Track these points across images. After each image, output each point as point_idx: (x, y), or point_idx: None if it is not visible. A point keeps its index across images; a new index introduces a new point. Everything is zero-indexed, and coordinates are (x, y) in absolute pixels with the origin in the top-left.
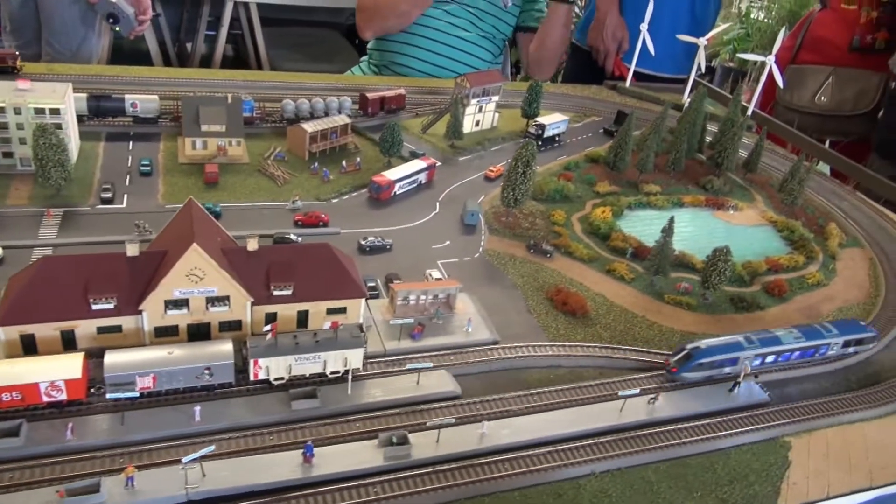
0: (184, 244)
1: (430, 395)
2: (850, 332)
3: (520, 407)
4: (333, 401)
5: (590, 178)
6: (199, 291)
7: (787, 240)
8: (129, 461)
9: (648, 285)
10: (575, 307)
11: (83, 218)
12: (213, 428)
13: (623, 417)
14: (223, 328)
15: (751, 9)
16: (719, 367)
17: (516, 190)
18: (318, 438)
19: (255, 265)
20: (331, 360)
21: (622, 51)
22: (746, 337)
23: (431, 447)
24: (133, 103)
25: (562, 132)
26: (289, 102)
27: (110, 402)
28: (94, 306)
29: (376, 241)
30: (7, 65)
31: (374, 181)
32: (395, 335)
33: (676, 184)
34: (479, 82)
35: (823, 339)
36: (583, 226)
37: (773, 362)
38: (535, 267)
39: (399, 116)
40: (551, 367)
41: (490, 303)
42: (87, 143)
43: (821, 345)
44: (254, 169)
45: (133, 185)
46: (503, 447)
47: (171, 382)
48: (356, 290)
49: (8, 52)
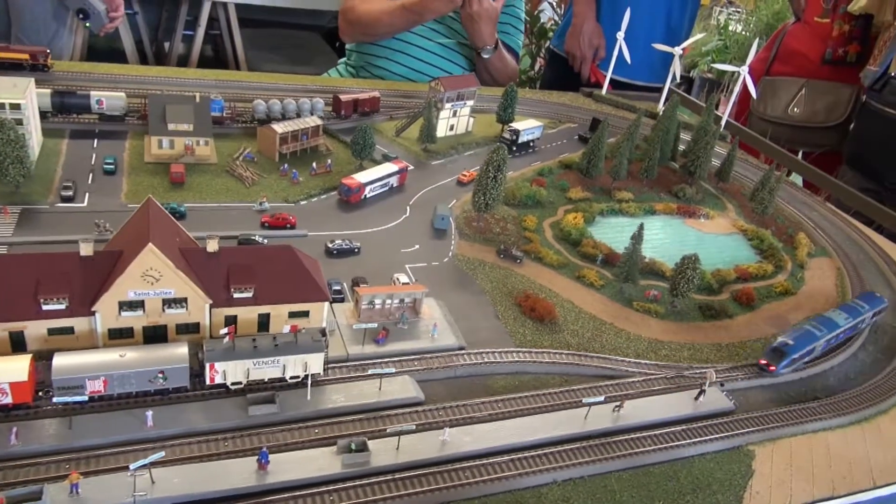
0: (140, 244)
1: (393, 402)
2: (875, 304)
3: (483, 414)
4: (292, 406)
5: (563, 185)
6: (155, 293)
7: (756, 249)
8: (74, 467)
9: (618, 292)
10: (543, 313)
11: (42, 216)
12: (165, 433)
13: (587, 425)
14: (181, 331)
15: (729, 21)
16: (805, 357)
17: (487, 194)
18: (274, 445)
19: (215, 267)
20: (290, 365)
21: (598, 58)
22: (813, 325)
23: (391, 454)
24: (99, 100)
25: (536, 138)
26: (260, 103)
27: (59, 407)
28: (45, 307)
29: (344, 244)
30: (38, 62)
31: (344, 183)
32: (358, 340)
33: (649, 191)
34: (454, 86)
35: (861, 315)
36: (554, 231)
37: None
38: (504, 272)
39: (373, 119)
40: (517, 374)
41: (458, 308)
42: (49, 139)
43: (860, 321)
44: (222, 169)
45: (96, 183)
46: (465, 455)
47: (122, 386)
48: (319, 293)
49: (39, 50)
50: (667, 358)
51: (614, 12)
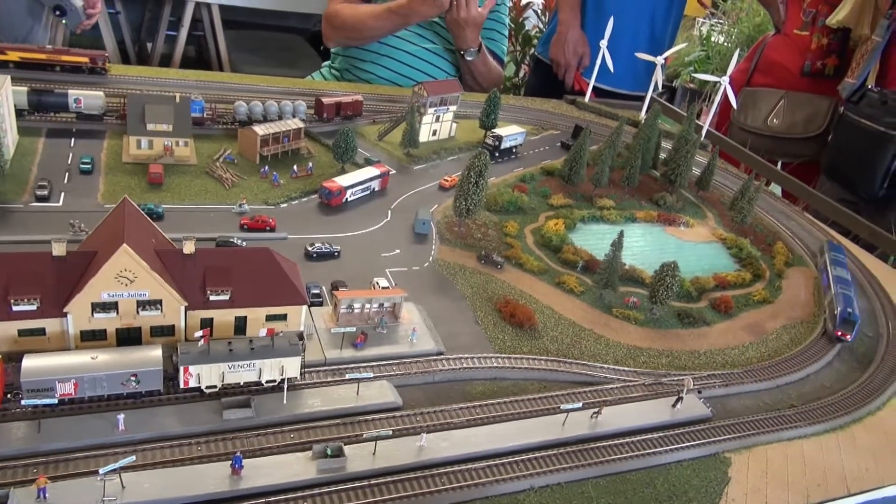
0: (114, 244)
1: (370, 406)
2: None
3: (461, 419)
4: (268, 410)
5: (544, 191)
6: (129, 294)
7: (735, 257)
8: (42, 471)
9: (597, 299)
10: (522, 319)
11: (15, 216)
12: (137, 437)
13: (565, 431)
14: (155, 333)
15: (711, 32)
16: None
17: (468, 200)
18: (248, 449)
19: (191, 268)
20: (266, 369)
21: (583, 66)
22: (842, 288)
23: (368, 460)
24: (77, 99)
25: (519, 144)
26: (241, 104)
27: (28, 409)
28: (15, 307)
29: (324, 248)
30: (97, 66)
31: (325, 187)
32: (336, 344)
33: (630, 199)
34: (437, 91)
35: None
36: (535, 238)
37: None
38: (485, 278)
39: (355, 123)
40: (495, 380)
41: (437, 313)
42: (25, 138)
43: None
44: (201, 170)
45: (72, 183)
46: (442, 460)
47: (94, 389)
48: (297, 296)
49: (98, 54)
50: (645, 364)
51: (599, 21)
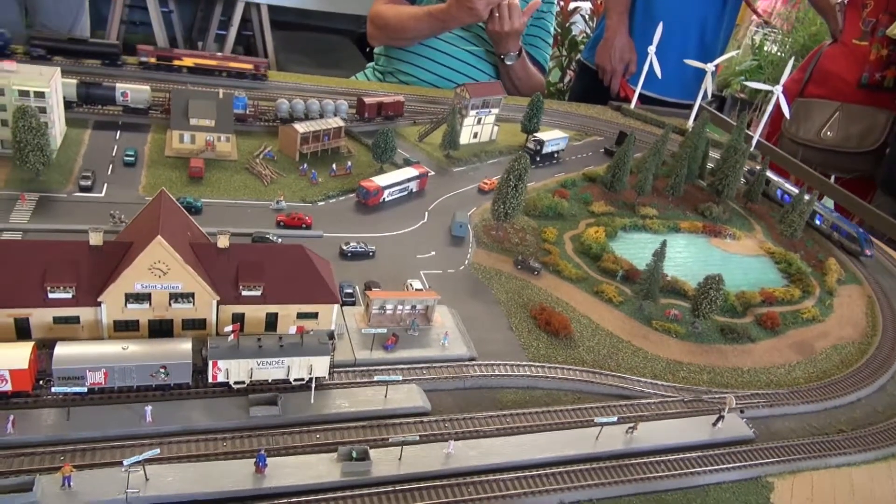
0: (149, 236)
1: (398, 410)
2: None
3: (490, 428)
4: (295, 409)
5: (586, 197)
6: (162, 286)
7: (783, 272)
8: (69, 460)
9: (637, 310)
10: (558, 327)
11: (59, 205)
12: (163, 430)
13: (599, 446)
14: (186, 326)
15: (764, 41)
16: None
17: (507, 203)
18: (273, 448)
19: (225, 263)
20: (295, 367)
21: (629, 72)
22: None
23: (393, 464)
24: (124, 93)
25: (561, 149)
26: (283, 102)
27: (58, 397)
28: (51, 295)
29: (359, 247)
30: (259, 73)
31: (362, 186)
32: (367, 345)
33: (674, 208)
34: (480, 94)
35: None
36: (574, 245)
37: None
38: (521, 283)
39: (396, 123)
40: (528, 389)
41: (471, 317)
42: (73, 129)
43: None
44: (241, 166)
45: (115, 174)
46: (469, 469)
47: (123, 379)
48: (329, 295)
49: (260, 62)
50: (685, 380)
51: (647, 27)
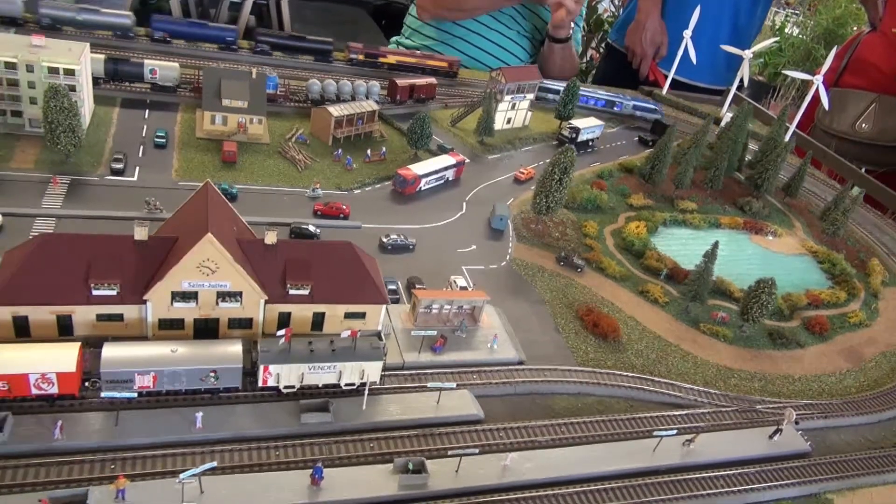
0: (197, 232)
1: (451, 418)
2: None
3: (545, 438)
4: (346, 416)
5: (623, 189)
6: (209, 285)
7: (827, 273)
8: (120, 469)
9: (683, 311)
10: (607, 330)
11: (91, 189)
12: (214, 437)
13: (656, 458)
14: (233, 325)
15: (785, 24)
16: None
17: (550, 197)
18: (328, 458)
19: (272, 260)
20: (347, 372)
21: (659, 56)
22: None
23: (450, 477)
24: (152, 70)
25: (596, 137)
26: (315, 82)
27: (105, 400)
28: (95, 292)
29: (399, 240)
30: (452, 70)
31: (400, 174)
32: (414, 346)
33: (713, 202)
34: (515, 78)
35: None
36: (616, 240)
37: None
38: (564, 281)
39: (428, 106)
40: (579, 395)
41: (516, 317)
42: (101, 107)
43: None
44: (274, 150)
45: (146, 157)
46: (527, 483)
47: (172, 383)
48: (378, 295)
49: (454, 60)
50: (737, 388)
51: (680, 10)
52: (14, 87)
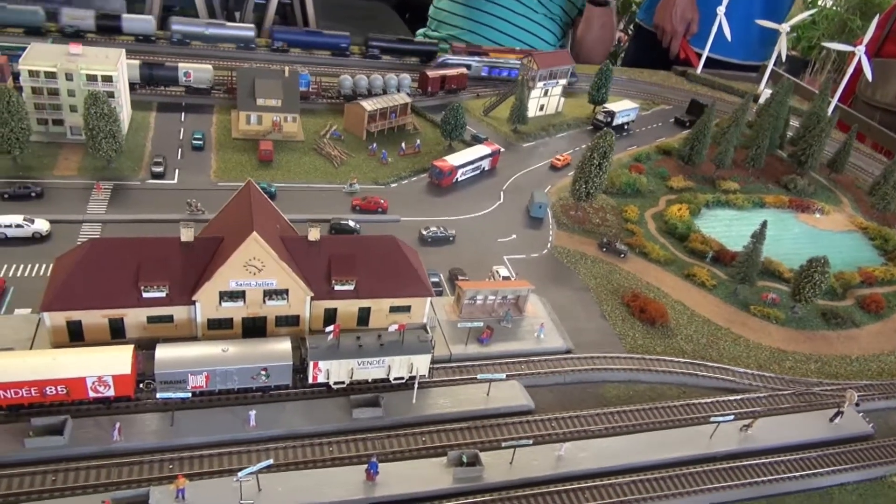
0: (242, 231)
1: (502, 409)
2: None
3: (598, 427)
4: (397, 410)
5: (662, 172)
6: (256, 283)
7: (879, 249)
8: (179, 468)
9: (731, 294)
10: (654, 315)
11: (133, 193)
12: (268, 434)
13: (712, 445)
14: (280, 323)
15: None
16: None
17: (589, 183)
18: (381, 453)
19: (316, 257)
20: (396, 366)
21: (690, 33)
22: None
23: (504, 469)
24: (187, 72)
25: (631, 120)
26: (346, 78)
27: (159, 401)
28: (145, 294)
29: (438, 232)
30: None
31: (436, 166)
32: (460, 338)
33: (755, 181)
34: (547, 64)
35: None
36: (657, 224)
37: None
38: (607, 267)
39: (459, 97)
40: (630, 383)
41: (560, 305)
42: (138, 112)
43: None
44: (309, 147)
45: (185, 159)
46: (582, 473)
47: (224, 382)
48: (422, 288)
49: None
50: (792, 371)
51: None
52: (55, 96)
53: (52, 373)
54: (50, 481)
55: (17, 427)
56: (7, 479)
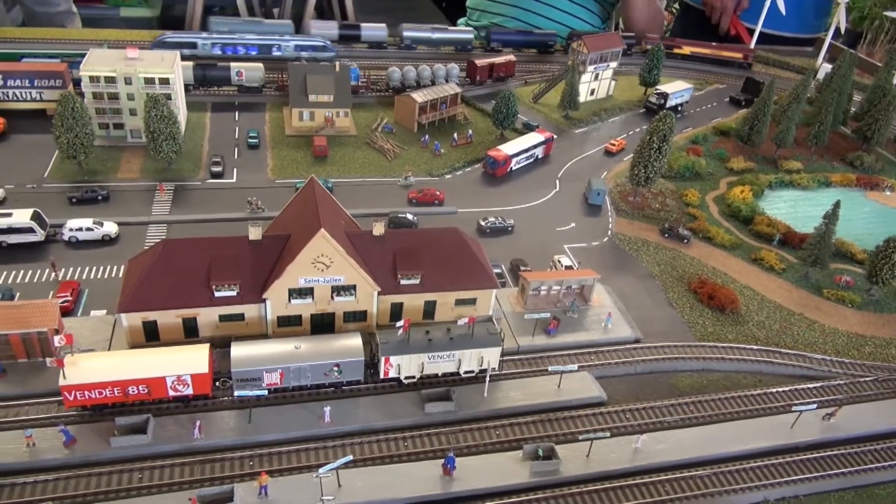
0: (309, 229)
1: (574, 401)
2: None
3: (674, 418)
4: (468, 404)
5: (720, 153)
6: (325, 280)
7: None
8: (258, 465)
9: (802, 277)
10: (724, 302)
11: (194, 193)
12: (343, 430)
13: (794, 435)
14: (348, 319)
15: None
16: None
17: (649, 167)
18: (455, 447)
19: (381, 251)
20: (466, 359)
21: (741, 8)
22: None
23: (581, 462)
24: (239, 72)
25: (685, 101)
26: (395, 70)
27: (235, 399)
28: (217, 293)
29: (497, 222)
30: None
31: (490, 156)
32: (526, 329)
33: (819, 160)
34: (598, 47)
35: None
36: (720, 207)
37: None
38: (671, 253)
39: (507, 85)
40: (703, 371)
41: (625, 294)
42: (193, 113)
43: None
44: (361, 141)
45: (241, 158)
46: (660, 465)
47: (298, 379)
48: (488, 280)
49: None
50: (872, 356)
51: None
52: (114, 101)
53: (134, 373)
54: (136, 479)
55: (102, 426)
56: (96, 477)
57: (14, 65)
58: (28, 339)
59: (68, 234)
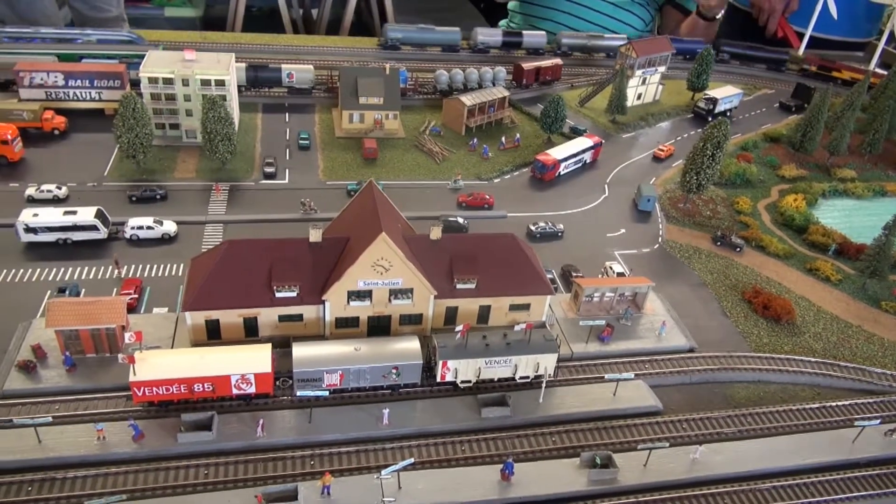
0: (369, 232)
1: (629, 409)
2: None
3: (732, 430)
4: (524, 409)
5: (771, 160)
6: (383, 283)
7: None
8: (319, 464)
9: (860, 289)
10: (780, 312)
11: (248, 193)
12: (400, 432)
13: (855, 451)
14: (404, 322)
15: None
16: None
17: (701, 174)
18: (512, 452)
19: (438, 255)
20: (522, 365)
21: (790, 10)
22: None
23: (638, 471)
24: (289, 73)
25: (734, 107)
26: (442, 73)
27: (295, 398)
28: (278, 294)
29: (547, 228)
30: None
31: (539, 160)
32: (579, 336)
33: (873, 168)
34: (646, 51)
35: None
36: (772, 215)
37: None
38: (723, 262)
39: (553, 88)
40: (759, 383)
41: (678, 302)
42: (245, 114)
43: None
44: (410, 144)
45: (293, 159)
46: (718, 477)
47: (357, 381)
48: (542, 285)
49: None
50: None
51: None
52: (171, 101)
53: (201, 371)
54: (202, 475)
55: (168, 422)
56: (164, 471)
57: (75, 65)
58: (97, 335)
59: (130, 233)
